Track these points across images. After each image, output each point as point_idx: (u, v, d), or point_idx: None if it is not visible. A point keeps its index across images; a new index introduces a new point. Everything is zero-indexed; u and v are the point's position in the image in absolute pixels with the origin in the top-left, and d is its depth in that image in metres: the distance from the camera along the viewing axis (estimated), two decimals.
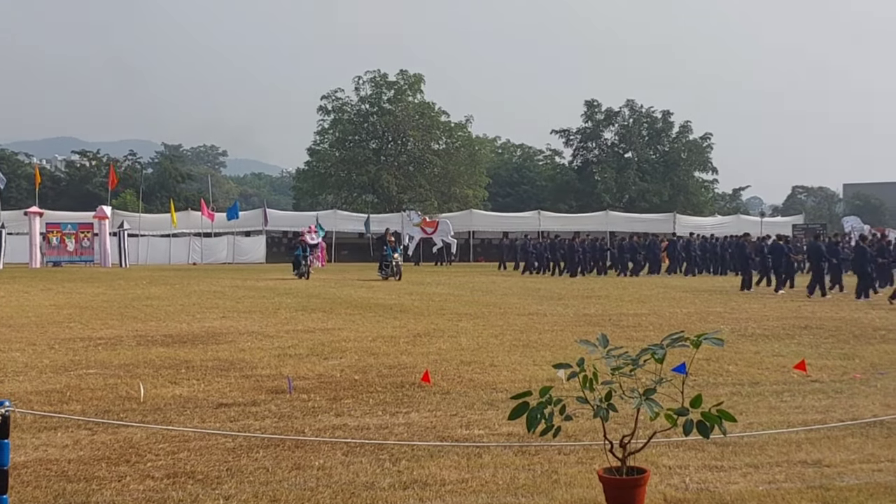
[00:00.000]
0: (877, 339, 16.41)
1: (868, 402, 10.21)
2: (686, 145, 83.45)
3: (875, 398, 10.43)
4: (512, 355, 13.89)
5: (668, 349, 6.07)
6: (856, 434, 8.51)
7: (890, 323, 19.31)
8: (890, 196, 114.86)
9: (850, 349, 14.86)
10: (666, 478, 7.01)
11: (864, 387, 11.19)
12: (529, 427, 6.06)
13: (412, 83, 75.02)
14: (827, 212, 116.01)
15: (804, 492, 6.63)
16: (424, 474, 7.15)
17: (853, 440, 8.28)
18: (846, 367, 12.81)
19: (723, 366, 12.78)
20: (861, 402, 10.21)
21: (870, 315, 21.38)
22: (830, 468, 7.31)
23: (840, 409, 9.80)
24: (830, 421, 9.05)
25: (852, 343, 15.73)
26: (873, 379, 11.78)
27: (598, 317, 20.71)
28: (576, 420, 7.95)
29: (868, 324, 19.18)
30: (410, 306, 23.42)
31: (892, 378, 11.83)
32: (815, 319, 20.03)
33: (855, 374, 12.13)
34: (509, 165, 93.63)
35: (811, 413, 9.57)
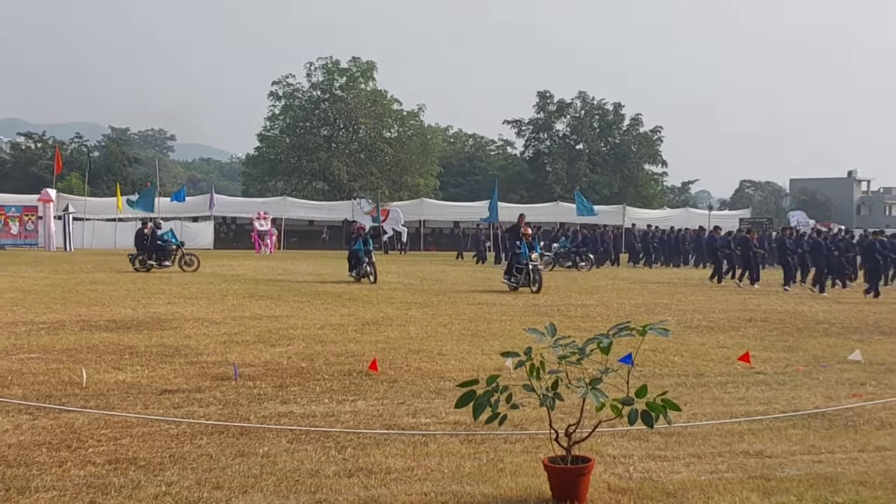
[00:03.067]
0: (820, 332, 16.63)
1: (810, 394, 10.34)
2: (636, 138, 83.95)
3: (817, 390, 10.56)
4: (460, 344, 13.90)
5: (616, 339, 6.11)
6: (797, 425, 8.62)
7: (833, 316, 19.57)
8: (835, 191, 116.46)
9: (794, 342, 15.04)
10: (610, 467, 7.05)
11: (807, 379, 11.33)
12: (475, 415, 6.08)
13: (364, 70, 74.68)
14: (774, 206, 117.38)
15: (745, 482, 6.70)
16: (370, 462, 7.12)
17: (795, 431, 8.37)
18: (789, 360, 12.97)
19: (668, 357, 12.88)
20: (803, 393, 10.34)
21: (813, 308, 21.66)
22: (772, 459, 7.39)
23: (782, 400, 9.92)
24: (773, 412, 9.15)
25: (796, 336, 15.92)
26: (815, 371, 11.94)
27: (547, 307, 20.78)
28: (522, 409, 7.96)
29: (811, 317, 19.42)
30: (359, 294, 23.34)
31: (833, 371, 11.99)
32: (760, 312, 20.25)
33: (798, 367, 12.29)
34: (461, 155, 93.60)
35: (754, 404, 9.68)
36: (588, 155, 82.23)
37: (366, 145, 74.40)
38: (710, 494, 6.39)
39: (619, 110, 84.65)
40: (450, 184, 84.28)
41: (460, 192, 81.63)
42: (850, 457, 7.49)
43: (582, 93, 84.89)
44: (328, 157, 72.29)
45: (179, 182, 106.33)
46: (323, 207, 64.50)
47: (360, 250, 28.31)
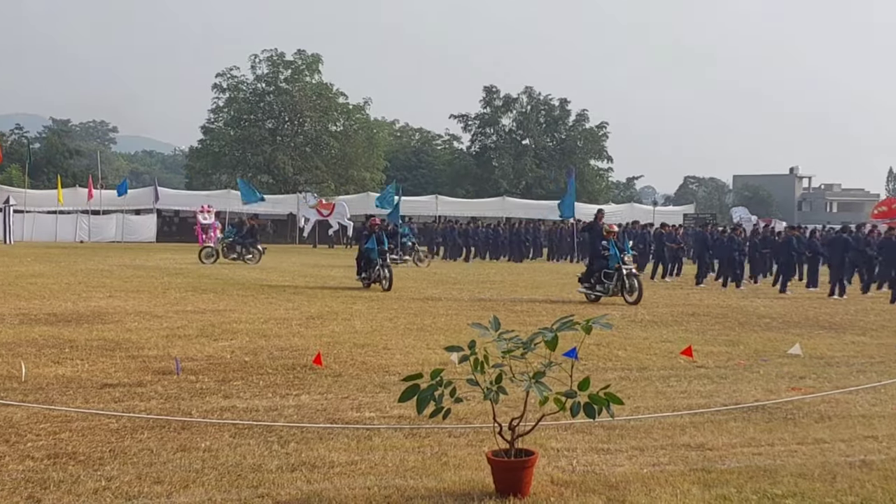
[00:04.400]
0: (761, 326, 16.84)
1: (750, 387, 10.47)
2: (582, 133, 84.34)
3: (757, 384, 10.69)
4: (406, 339, 13.88)
5: (560, 334, 6.13)
6: (738, 418, 8.72)
7: (773, 311, 19.84)
8: (777, 188, 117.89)
9: (735, 336, 15.22)
10: (554, 460, 7.08)
11: (748, 373, 11.47)
12: (419, 409, 6.07)
13: (310, 63, 74.18)
14: (717, 202, 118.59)
15: (687, 474, 6.76)
16: (313, 456, 7.09)
17: (735, 424, 8.47)
18: (731, 354, 13.12)
19: (612, 351, 12.98)
20: (744, 387, 10.46)
21: (755, 303, 21.94)
22: (713, 451, 7.47)
23: (724, 394, 10.03)
24: (714, 405, 9.25)
25: (737, 330, 16.11)
26: (756, 365, 12.08)
27: (493, 301, 20.84)
28: (466, 402, 7.97)
29: (753, 312, 19.68)
30: (304, 288, 23.24)
31: (774, 365, 12.14)
32: (703, 307, 20.47)
33: (739, 361, 12.43)
34: (407, 149, 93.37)
35: (696, 398, 9.77)
36: (534, 150, 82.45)
37: (311, 139, 73.95)
38: (651, 487, 6.44)
39: (565, 106, 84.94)
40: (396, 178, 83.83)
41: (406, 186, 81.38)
42: (789, 449, 7.59)
43: (528, 88, 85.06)
44: (273, 151, 71.77)
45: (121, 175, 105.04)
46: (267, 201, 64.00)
47: (374, 250, 23.76)
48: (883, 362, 12.61)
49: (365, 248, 24.02)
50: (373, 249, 23.71)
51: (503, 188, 76.16)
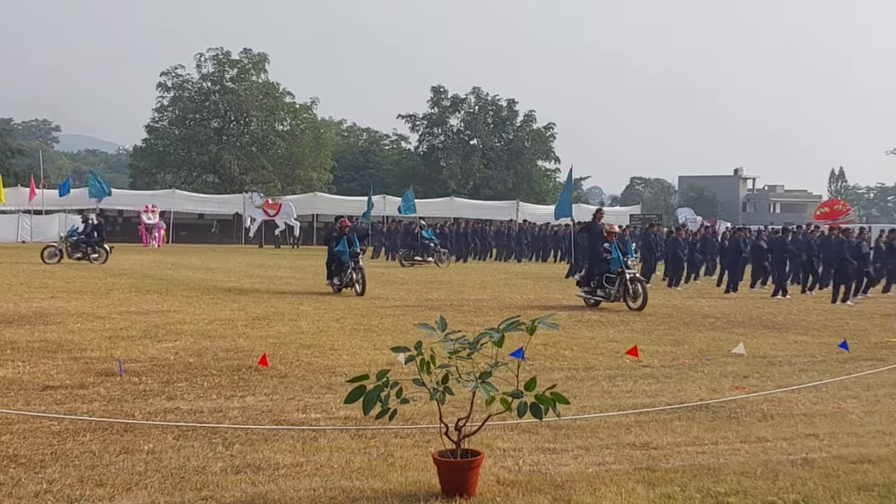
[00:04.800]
0: (705, 326, 17.01)
1: (695, 386, 10.56)
2: (530, 134, 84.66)
3: (702, 383, 10.79)
4: (352, 339, 13.83)
5: (508, 334, 6.14)
6: (682, 417, 8.79)
7: (718, 311, 20.05)
8: (722, 189, 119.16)
9: (680, 336, 15.35)
10: (500, 460, 7.09)
11: (692, 372, 11.57)
12: (365, 410, 6.05)
13: (256, 62, 73.73)
14: (663, 202, 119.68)
15: (632, 473, 6.80)
16: (258, 458, 7.03)
17: (680, 423, 8.54)
18: (676, 353, 13.23)
19: (559, 351, 13.03)
20: (688, 386, 10.55)
21: (699, 303, 22.16)
22: (657, 450, 7.52)
23: (669, 393, 10.11)
24: (659, 405, 9.32)
25: (682, 330, 16.25)
26: (700, 364, 12.20)
27: (440, 301, 20.84)
28: (413, 403, 7.97)
29: (698, 311, 19.87)
30: (250, 289, 23.08)
31: (718, 364, 12.26)
32: (648, 307, 20.58)
33: (684, 360, 12.54)
34: (355, 149, 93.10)
35: (641, 397, 9.84)
36: (482, 150, 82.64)
37: (257, 138, 73.51)
38: (597, 486, 6.47)
39: (512, 106, 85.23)
40: (343, 178, 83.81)
41: (354, 186, 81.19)
42: (732, 447, 7.66)
43: (476, 88, 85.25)
44: (219, 150, 71.23)
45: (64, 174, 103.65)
46: (213, 201, 63.56)
47: (345, 253, 22.48)
48: (824, 361, 12.78)
49: (336, 250, 22.73)
50: (344, 252, 22.48)
51: (451, 188, 76.25)
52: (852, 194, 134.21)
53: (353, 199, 67.35)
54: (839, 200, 64.68)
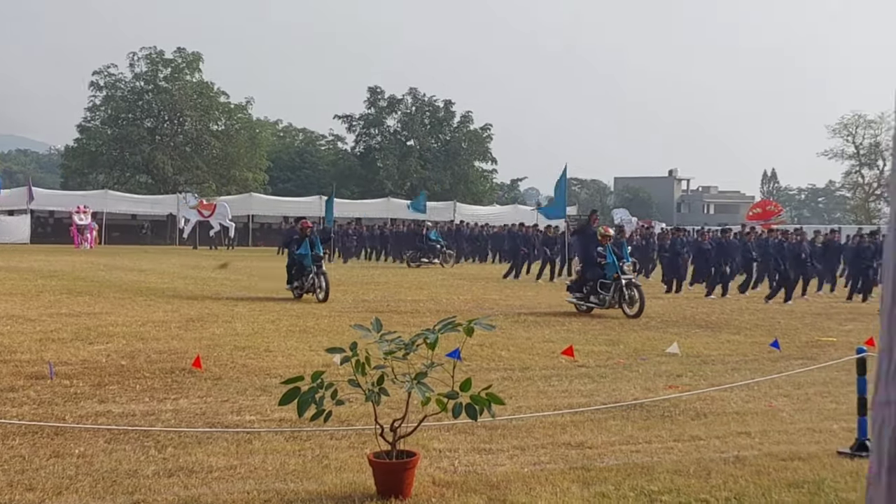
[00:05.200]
0: (640, 326, 17.17)
1: (630, 386, 10.65)
2: (467, 135, 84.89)
3: (636, 382, 10.89)
4: (288, 340, 13.74)
5: (444, 335, 6.13)
6: (617, 417, 8.85)
7: (652, 311, 20.21)
8: (657, 190, 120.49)
9: (616, 335, 15.48)
10: (436, 461, 7.08)
11: (627, 371, 11.67)
12: (300, 412, 6.00)
13: (190, 61, 73.01)
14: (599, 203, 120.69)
15: (567, 472, 6.83)
16: (191, 461, 6.95)
17: (614, 422, 8.59)
18: (611, 353, 13.33)
19: (496, 351, 13.05)
20: (623, 386, 10.63)
21: None
22: (592, 449, 7.56)
23: (604, 392, 10.18)
24: (594, 404, 9.37)
25: (617, 330, 16.39)
26: (635, 364, 12.30)
27: (377, 302, 20.79)
28: (349, 405, 7.91)
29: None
30: (184, 290, 22.82)
31: (652, 363, 12.38)
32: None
33: (619, 360, 12.64)
34: (291, 149, 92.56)
35: (577, 397, 9.89)
36: (419, 151, 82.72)
37: (192, 138, 72.77)
38: (532, 486, 6.48)
39: (449, 107, 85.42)
40: (279, 178, 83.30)
41: (290, 186, 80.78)
42: (665, 446, 7.74)
43: (413, 89, 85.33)
44: (152, 150, 70.42)
45: None
46: (146, 201, 62.80)
47: (307, 256, 21.23)
48: (756, 360, 12.97)
49: (297, 254, 21.43)
50: (306, 255, 21.17)
51: (388, 189, 76.18)
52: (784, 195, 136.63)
53: (289, 200, 67.03)
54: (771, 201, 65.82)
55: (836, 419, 8.91)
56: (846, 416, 8.76)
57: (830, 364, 11.61)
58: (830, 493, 6.46)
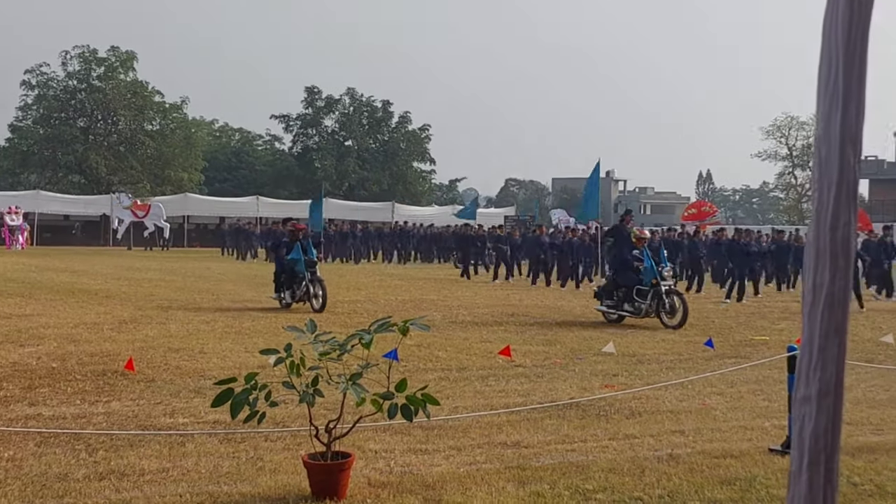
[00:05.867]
0: (577, 325, 17.28)
1: (566, 385, 10.70)
2: (405, 136, 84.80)
3: (573, 381, 10.95)
4: (223, 342, 13.62)
5: (382, 336, 6.11)
6: (553, 416, 8.89)
7: (589, 311, 20.34)
8: None
9: (553, 335, 15.56)
10: (371, 461, 7.05)
11: (564, 371, 11.73)
12: (233, 414, 5.94)
13: (124, 60, 72.00)
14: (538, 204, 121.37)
15: (502, 472, 6.84)
16: (123, 464, 6.85)
17: (551, 422, 8.63)
18: (548, 353, 13.39)
19: (433, 352, 13.05)
20: (560, 385, 10.69)
21: (572, 303, 22.46)
22: (528, 449, 7.59)
23: (540, 392, 10.22)
24: (531, 404, 9.40)
25: (555, 330, 16.47)
26: (572, 364, 12.37)
27: None
28: (284, 406, 7.88)
29: (569, 311, 20.16)
30: (118, 292, 22.51)
31: (588, 363, 12.46)
32: (522, 307, 20.83)
33: (555, 360, 12.70)
34: (227, 149, 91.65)
35: (513, 396, 9.92)
36: (357, 151, 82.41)
37: (126, 138, 71.75)
38: (467, 486, 6.48)
39: (387, 108, 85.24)
40: (215, 179, 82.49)
41: (226, 186, 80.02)
42: (600, 445, 7.78)
43: (350, 89, 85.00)
44: (85, 150, 69.31)
45: None
46: (79, 202, 61.80)
47: (299, 261, 19.11)
48: (690, 359, 13.11)
49: (288, 258, 19.34)
50: (298, 260, 19.11)
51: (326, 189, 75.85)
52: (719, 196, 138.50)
53: (226, 201, 66.42)
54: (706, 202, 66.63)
55: (768, 417, 9.03)
56: (778, 414, 8.89)
57: (762, 362, 11.79)
58: (762, 489, 6.54)
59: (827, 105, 2.98)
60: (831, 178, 2.97)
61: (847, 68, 2.93)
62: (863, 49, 2.95)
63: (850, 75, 2.94)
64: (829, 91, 2.98)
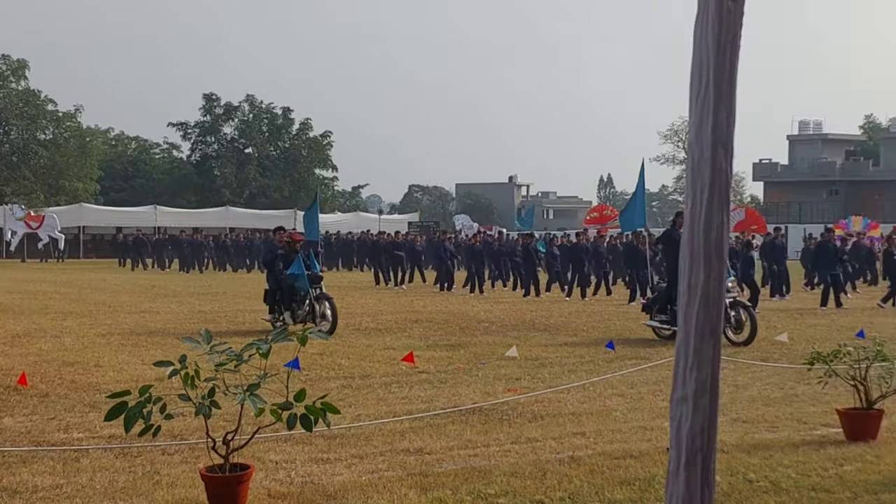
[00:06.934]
0: (480, 330, 17.32)
1: (469, 390, 10.72)
2: (306, 142, 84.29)
3: (476, 387, 10.96)
4: (120, 355, 13.35)
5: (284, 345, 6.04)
6: (456, 421, 8.88)
7: (493, 315, 20.46)
8: (498, 196, 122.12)
9: (457, 340, 15.58)
10: (272, 473, 6.95)
11: (467, 376, 11.74)
12: (127, 427, 5.81)
13: (15, 69, 70.14)
14: (441, 210, 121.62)
15: (404, 479, 6.80)
16: (15, 482, 6.66)
17: (454, 427, 8.62)
18: (452, 358, 13.40)
19: (335, 360, 12.97)
20: (463, 390, 10.69)
21: (476, 308, 22.55)
22: (431, 455, 7.56)
23: (443, 398, 10.21)
24: (434, 410, 9.39)
25: (458, 335, 16.49)
26: (475, 369, 12.40)
27: (215, 314, 20.42)
28: (183, 419, 7.76)
29: (473, 316, 20.21)
30: (10, 305, 21.89)
31: (492, 367, 12.50)
32: (426, 313, 20.83)
33: (459, 365, 12.71)
34: (124, 158, 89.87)
35: (417, 403, 9.90)
36: (258, 159, 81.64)
37: (18, 148, 69.82)
38: (369, 494, 6.43)
39: (288, 114, 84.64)
40: (112, 188, 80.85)
41: (123, 196, 78.52)
42: (503, 449, 7.80)
43: (250, 96, 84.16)
44: None
45: None
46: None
47: (300, 276, 16.50)
48: (592, 361, 13.24)
49: (289, 273, 16.65)
50: (300, 276, 16.50)
51: (226, 198, 74.87)
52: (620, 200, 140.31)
53: (122, 210, 65.20)
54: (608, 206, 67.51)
55: (667, 417, 9.06)
56: None
57: (662, 363, 11.96)
58: (660, 488, 6.61)
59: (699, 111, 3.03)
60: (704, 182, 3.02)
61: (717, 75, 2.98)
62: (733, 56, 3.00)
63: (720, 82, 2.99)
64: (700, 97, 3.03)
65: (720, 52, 2.95)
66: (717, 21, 2.95)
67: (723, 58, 2.96)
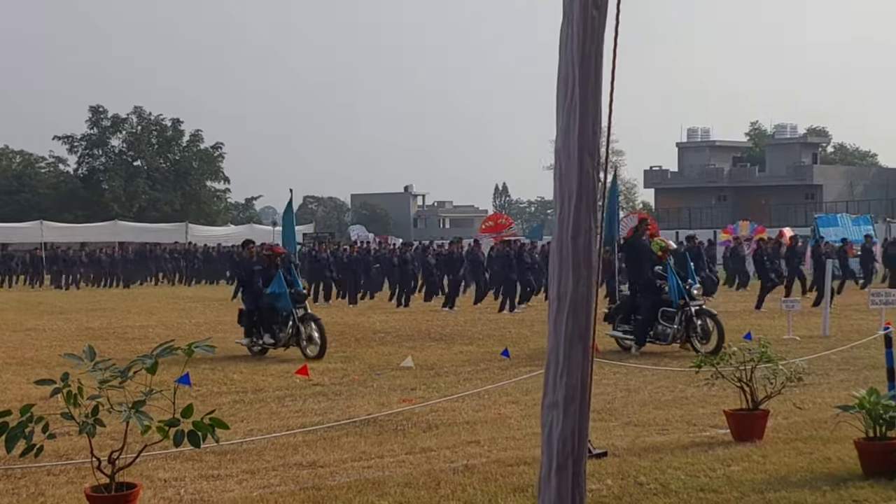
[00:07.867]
0: (376, 341, 17.28)
1: (364, 401, 10.67)
2: (197, 154, 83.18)
3: (371, 398, 10.92)
4: (2, 374, 13.01)
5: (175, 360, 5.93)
6: (351, 433, 8.83)
7: (389, 326, 20.42)
8: (393, 206, 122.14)
9: (351, 352, 15.52)
10: (160, 491, 6.82)
11: (362, 388, 11.69)
12: (8, 448, 5.67)
13: None
14: (336, 221, 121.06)
15: (296, 493, 6.73)
16: None
17: (348, 439, 8.57)
18: (346, 370, 13.33)
19: (228, 374, 12.82)
20: (358, 402, 10.65)
21: (371, 319, 22.47)
22: (324, 468, 7.50)
23: (338, 410, 10.15)
24: (328, 422, 9.31)
25: (353, 346, 16.42)
26: (370, 380, 12.36)
27: (103, 330, 19.96)
28: (69, 438, 7.57)
29: (369, 327, 20.13)
30: None
31: (387, 378, 12.47)
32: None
33: (354, 377, 12.65)
34: (7, 173, 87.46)
35: (310, 416, 9.82)
36: (147, 171, 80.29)
37: None
38: None
39: (178, 126, 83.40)
40: None
41: (8, 211, 76.32)
42: (397, 460, 7.78)
43: (138, 108, 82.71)
44: None
45: None
46: None
47: (282, 295, 15.15)
48: (487, 369, 13.30)
49: (268, 293, 15.31)
50: (280, 295, 15.16)
51: (115, 211, 73.38)
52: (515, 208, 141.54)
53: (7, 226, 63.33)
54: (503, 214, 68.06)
55: None
56: None
57: None
58: None
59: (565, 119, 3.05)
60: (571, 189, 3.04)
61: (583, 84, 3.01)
62: (597, 65, 3.03)
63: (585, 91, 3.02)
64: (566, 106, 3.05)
65: (584, 60, 2.98)
66: (582, 29, 2.98)
67: (588, 66, 2.98)
